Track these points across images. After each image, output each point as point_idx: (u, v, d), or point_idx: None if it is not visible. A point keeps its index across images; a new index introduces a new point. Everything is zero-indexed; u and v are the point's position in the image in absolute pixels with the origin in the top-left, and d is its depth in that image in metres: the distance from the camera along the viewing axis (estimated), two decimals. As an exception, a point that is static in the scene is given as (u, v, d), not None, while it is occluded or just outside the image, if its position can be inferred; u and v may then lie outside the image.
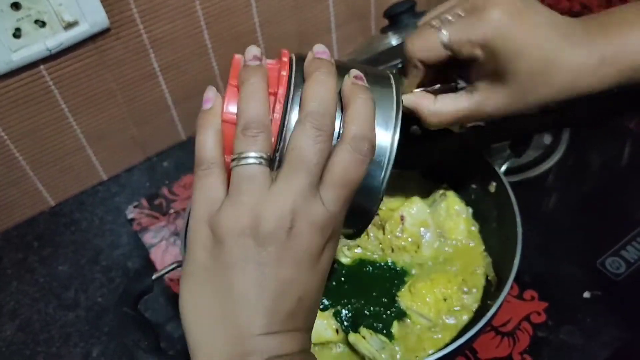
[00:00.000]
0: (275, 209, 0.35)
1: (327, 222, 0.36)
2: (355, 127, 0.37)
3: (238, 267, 0.35)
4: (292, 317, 0.36)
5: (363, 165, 0.37)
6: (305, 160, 0.36)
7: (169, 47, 0.81)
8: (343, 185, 0.36)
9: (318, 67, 0.39)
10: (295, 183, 0.35)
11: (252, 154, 0.36)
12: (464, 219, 0.64)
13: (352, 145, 0.36)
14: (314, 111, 0.37)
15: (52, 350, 0.72)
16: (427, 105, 0.51)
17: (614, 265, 0.67)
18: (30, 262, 0.81)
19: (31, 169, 0.80)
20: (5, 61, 0.68)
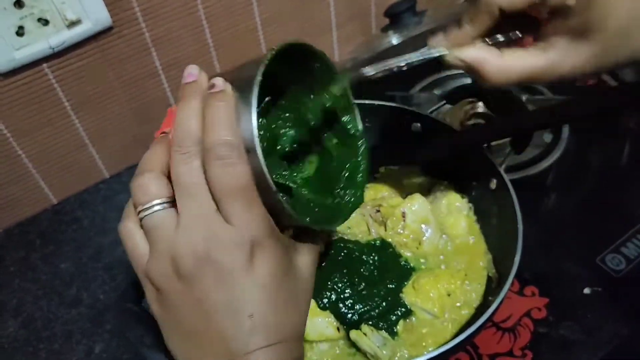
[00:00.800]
0: (186, 242, 0.35)
1: (239, 237, 0.35)
2: (207, 137, 0.36)
3: (181, 310, 0.36)
4: (252, 336, 0.35)
5: (233, 168, 0.35)
6: (185, 185, 0.36)
7: (171, 45, 0.81)
8: (230, 196, 0.36)
9: (181, 95, 0.39)
10: (193, 211, 0.36)
11: (149, 204, 0.37)
12: (465, 215, 0.64)
13: (212, 156, 0.36)
14: (176, 137, 0.37)
15: (54, 347, 0.72)
16: (493, 60, 0.45)
17: (614, 262, 0.67)
18: (33, 259, 0.81)
19: (34, 166, 0.80)
20: (9, 59, 0.68)
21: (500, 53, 0.45)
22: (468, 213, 0.65)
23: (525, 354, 0.62)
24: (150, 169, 0.38)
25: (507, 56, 0.45)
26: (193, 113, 0.37)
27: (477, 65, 0.46)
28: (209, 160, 0.36)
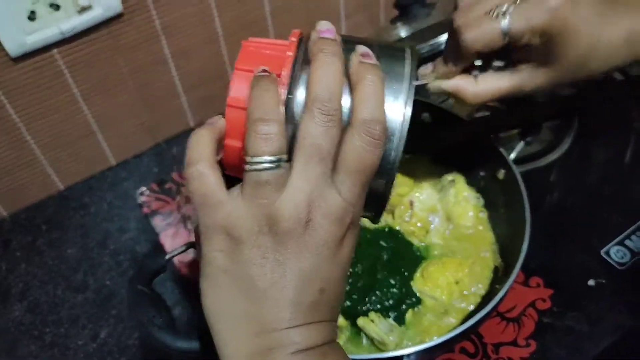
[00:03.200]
0: (292, 205, 0.34)
1: (344, 212, 0.35)
2: (364, 111, 0.35)
3: (259, 266, 0.35)
4: (316, 309, 0.36)
5: (376, 149, 0.35)
6: (317, 149, 0.35)
7: (181, 33, 0.81)
8: (358, 173, 0.35)
9: (321, 48, 0.37)
10: (310, 174, 0.35)
11: (267, 157, 0.35)
12: (473, 205, 0.64)
13: (363, 130, 0.35)
14: (320, 96, 0.35)
15: (60, 332, 0.73)
16: (469, 87, 0.52)
17: (618, 255, 0.68)
18: (39, 245, 0.82)
19: (41, 152, 0.80)
20: (20, 44, 0.68)
21: (474, 80, 0.52)
22: (476, 203, 0.65)
23: (529, 344, 0.63)
24: (274, 117, 0.36)
25: (481, 82, 0.52)
26: (339, 76, 0.36)
27: (456, 93, 0.53)
28: (357, 132, 0.35)
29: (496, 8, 0.47)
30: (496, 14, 0.47)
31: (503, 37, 0.47)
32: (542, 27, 0.46)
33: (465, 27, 0.48)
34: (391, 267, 0.60)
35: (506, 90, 0.51)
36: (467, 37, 0.48)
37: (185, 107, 0.90)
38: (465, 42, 0.48)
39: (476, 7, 0.49)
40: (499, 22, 0.47)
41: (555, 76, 0.49)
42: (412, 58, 0.40)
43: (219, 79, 0.90)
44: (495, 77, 0.51)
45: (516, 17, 0.46)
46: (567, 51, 0.47)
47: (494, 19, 0.47)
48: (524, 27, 0.46)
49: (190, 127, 0.93)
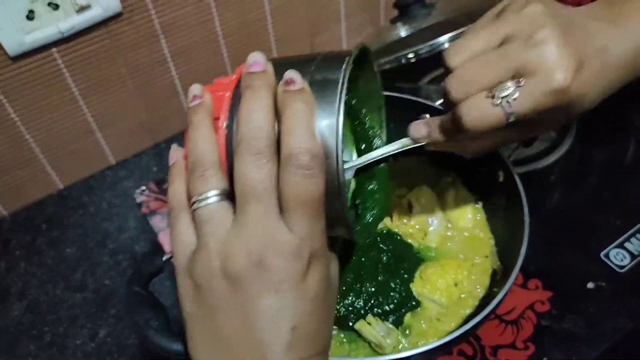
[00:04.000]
0: (240, 245, 0.34)
1: (298, 247, 0.34)
2: (290, 142, 0.34)
3: (221, 311, 0.35)
4: (291, 348, 0.34)
5: (312, 179, 0.34)
6: (252, 190, 0.34)
7: (180, 33, 0.81)
8: (300, 206, 0.34)
9: (248, 85, 0.36)
10: (252, 215, 0.34)
11: (204, 195, 0.35)
12: (471, 207, 0.64)
13: (292, 163, 0.34)
14: (246, 135, 0.35)
15: (59, 331, 0.73)
16: (466, 145, 0.52)
17: (618, 257, 0.68)
18: (39, 244, 0.82)
19: (41, 151, 0.81)
20: (19, 43, 0.68)
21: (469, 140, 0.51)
22: (474, 205, 0.65)
23: (528, 347, 0.62)
24: (210, 158, 0.36)
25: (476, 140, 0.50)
26: (266, 110, 0.35)
27: (452, 150, 0.53)
28: (287, 166, 0.34)
29: (497, 89, 0.42)
30: (499, 101, 0.42)
31: (506, 121, 0.43)
32: (550, 106, 0.43)
33: (467, 109, 0.44)
34: (391, 270, 0.60)
35: (503, 142, 0.52)
36: (469, 120, 0.44)
37: (185, 107, 0.90)
38: (467, 124, 0.44)
39: (473, 81, 0.44)
40: (502, 109, 0.42)
41: (554, 124, 0.50)
42: (347, 63, 0.38)
43: (218, 77, 0.89)
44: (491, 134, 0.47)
45: (521, 101, 0.42)
46: (571, 112, 0.45)
47: (495, 105, 0.42)
48: (530, 110, 0.42)
49: (190, 126, 0.93)
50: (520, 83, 0.42)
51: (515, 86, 0.42)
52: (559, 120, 0.48)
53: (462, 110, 0.44)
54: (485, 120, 0.43)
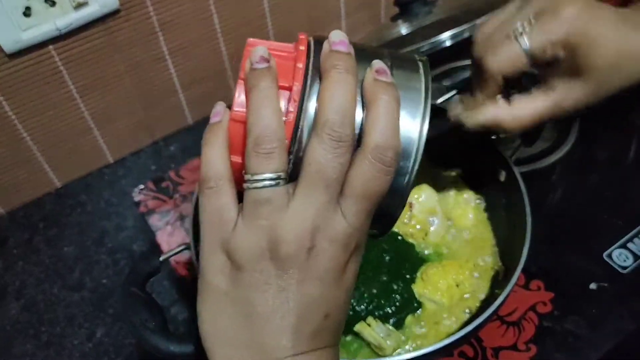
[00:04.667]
0: (295, 230, 0.33)
1: (349, 238, 0.34)
2: (377, 135, 0.33)
3: (260, 291, 0.34)
4: (319, 335, 0.35)
5: (387, 177, 0.34)
6: (324, 177, 0.33)
7: (179, 30, 0.80)
8: (365, 198, 0.34)
9: (334, 64, 0.34)
10: (314, 200, 0.33)
11: (267, 174, 0.33)
12: (473, 207, 0.64)
13: (373, 156, 0.33)
14: (331, 120, 0.33)
15: (56, 330, 0.72)
16: (506, 114, 0.51)
17: (620, 258, 0.67)
18: (36, 242, 0.81)
19: (38, 149, 0.80)
20: (15, 40, 0.68)
21: (509, 106, 0.51)
22: (476, 205, 0.64)
23: (530, 348, 0.62)
24: (279, 134, 0.34)
25: (516, 107, 0.51)
26: (352, 96, 0.34)
27: (495, 124, 0.52)
28: (367, 158, 0.33)
29: (515, 30, 0.47)
30: (514, 36, 0.47)
31: (525, 57, 0.47)
32: (562, 39, 0.46)
33: (487, 54, 0.49)
34: (394, 270, 0.59)
35: (545, 110, 0.50)
36: (490, 63, 0.48)
37: (184, 105, 0.89)
38: (489, 68, 0.48)
39: (494, 35, 0.49)
40: (518, 43, 0.47)
41: (592, 89, 0.48)
42: (425, 73, 0.38)
43: (217, 76, 0.89)
44: (530, 99, 0.51)
45: (534, 34, 0.47)
46: (595, 60, 0.46)
47: (513, 40, 0.47)
48: (543, 42, 0.47)
49: (188, 124, 0.92)
50: (533, 22, 0.47)
51: (528, 24, 0.47)
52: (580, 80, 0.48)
53: (485, 57, 0.49)
54: (505, 59, 0.48)
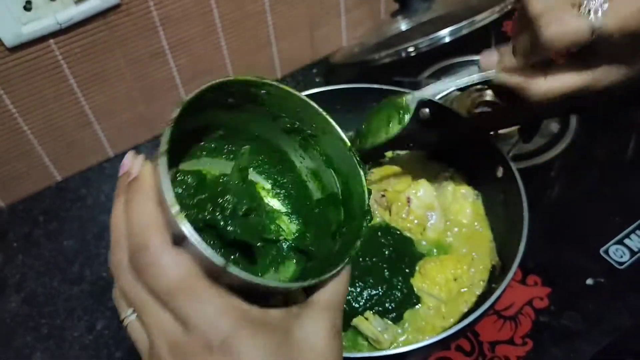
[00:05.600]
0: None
1: (205, 341, 0.31)
2: (129, 244, 0.34)
3: None
4: None
5: (160, 266, 0.31)
6: (132, 300, 0.33)
7: (179, 25, 0.81)
8: (174, 296, 0.31)
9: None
10: (150, 326, 0.32)
11: (127, 311, 0.34)
12: (470, 202, 0.64)
13: (135, 265, 0.32)
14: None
15: (56, 323, 0.73)
16: (535, 84, 0.46)
17: (617, 254, 0.67)
18: (36, 236, 0.81)
19: (38, 143, 0.80)
20: (16, 34, 0.68)
21: (543, 76, 0.46)
22: (474, 200, 0.64)
23: (526, 342, 0.62)
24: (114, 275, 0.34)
25: (549, 78, 0.46)
26: (118, 215, 0.35)
27: (520, 89, 0.47)
28: (135, 270, 0.32)
29: (586, 2, 0.41)
30: (587, 10, 0.40)
31: (591, 36, 0.41)
32: (637, 27, 0.40)
33: (547, 20, 0.42)
34: (393, 265, 0.59)
35: (576, 88, 0.45)
36: (549, 33, 0.42)
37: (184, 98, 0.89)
38: (546, 38, 0.42)
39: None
40: (589, 20, 0.40)
41: (631, 74, 0.44)
42: (170, 121, 0.34)
43: (217, 70, 0.89)
44: (562, 73, 0.45)
45: (611, 15, 0.40)
46: None
47: (583, 15, 0.40)
48: (618, 27, 0.40)
49: (188, 119, 0.92)
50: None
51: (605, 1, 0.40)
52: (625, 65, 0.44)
53: (542, 21, 0.42)
54: (566, 32, 0.41)
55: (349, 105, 0.73)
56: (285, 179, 0.45)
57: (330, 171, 0.43)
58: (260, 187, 0.45)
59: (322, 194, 0.44)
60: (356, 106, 0.73)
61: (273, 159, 0.45)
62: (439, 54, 0.86)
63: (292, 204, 0.45)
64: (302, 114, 0.41)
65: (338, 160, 0.43)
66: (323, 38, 0.97)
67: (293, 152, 0.44)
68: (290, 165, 0.45)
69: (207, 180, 0.41)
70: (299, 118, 0.42)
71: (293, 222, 0.45)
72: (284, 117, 0.42)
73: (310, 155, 0.44)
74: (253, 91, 0.39)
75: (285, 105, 0.40)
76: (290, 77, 0.98)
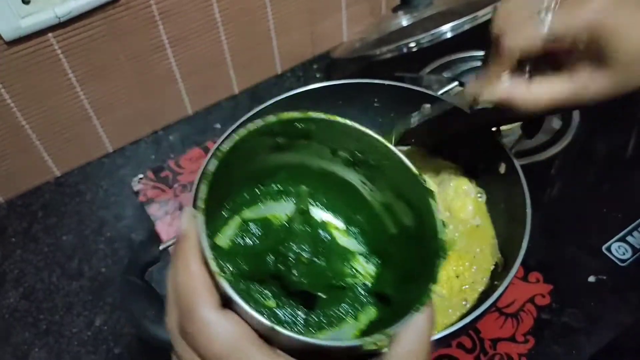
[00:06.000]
0: None
1: None
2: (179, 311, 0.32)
3: None
4: None
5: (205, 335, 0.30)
6: None
7: (179, 19, 0.80)
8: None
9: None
10: None
11: None
12: (472, 199, 0.63)
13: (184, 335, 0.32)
14: None
15: (55, 319, 0.72)
16: (520, 94, 0.48)
17: (619, 251, 0.67)
18: (35, 231, 0.81)
19: (37, 137, 0.80)
20: (14, 27, 0.67)
21: (527, 84, 0.48)
22: (475, 197, 0.64)
23: (528, 340, 0.62)
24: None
25: (534, 87, 0.48)
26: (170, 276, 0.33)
27: (508, 101, 0.49)
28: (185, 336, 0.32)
29: (538, 10, 0.46)
30: (538, 15, 0.45)
31: (546, 39, 0.46)
32: (587, 25, 0.44)
33: (506, 31, 0.47)
34: None
35: (564, 97, 0.48)
36: (508, 40, 0.47)
37: (183, 94, 0.89)
38: (507, 45, 0.47)
39: (516, 12, 0.47)
40: (541, 24, 0.45)
41: (617, 79, 0.46)
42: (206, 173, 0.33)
43: (217, 65, 0.89)
44: (550, 82, 0.48)
45: (558, 18, 0.45)
46: (621, 51, 0.44)
47: (536, 21, 0.45)
48: (567, 26, 0.45)
49: (188, 114, 0.92)
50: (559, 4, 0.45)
51: (555, 5, 0.45)
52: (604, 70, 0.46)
53: (503, 32, 0.47)
54: (524, 37, 0.46)
55: (350, 101, 0.73)
56: (358, 215, 0.42)
57: (402, 203, 0.39)
58: (332, 227, 0.42)
59: (397, 229, 0.41)
60: (357, 101, 0.73)
61: (342, 195, 0.42)
62: (440, 49, 0.85)
63: (368, 243, 0.42)
64: (360, 144, 0.38)
65: (407, 190, 0.38)
66: (324, 33, 0.96)
67: (361, 186, 0.41)
68: (362, 199, 0.42)
69: (274, 226, 0.39)
70: (358, 149, 0.39)
71: (370, 262, 0.41)
72: (342, 149, 0.39)
73: (378, 187, 0.41)
74: (301, 127, 0.37)
75: (339, 136, 0.38)
76: (290, 72, 0.98)
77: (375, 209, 0.41)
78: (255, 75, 0.94)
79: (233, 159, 0.33)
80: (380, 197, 0.41)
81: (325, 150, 0.39)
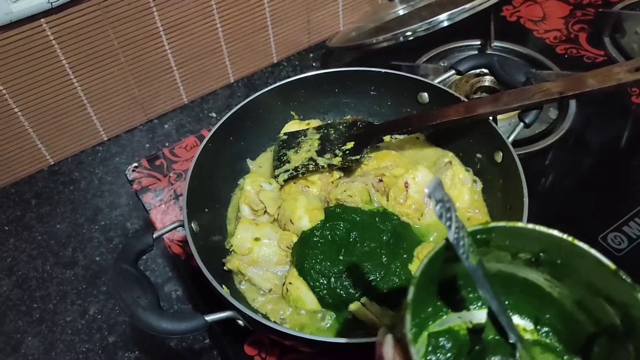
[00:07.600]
0: None
1: None
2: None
3: None
4: None
5: None
6: None
7: (174, 6, 0.79)
8: None
9: None
10: None
11: None
12: (469, 188, 0.63)
13: None
14: None
15: (48, 307, 0.72)
16: None
17: (616, 241, 0.67)
18: (28, 219, 0.80)
19: (30, 125, 0.79)
20: (5, 12, 0.66)
21: None
22: (472, 186, 0.63)
23: (523, 329, 0.62)
24: None
25: None
26: None
27: None
28: None
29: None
30: None
31: None
32: None
33: None
34: (392, 250, 0.58)
35: None
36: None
37: (179, 82, 0.88)
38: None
39: None
40: None
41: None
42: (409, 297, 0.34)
43: (212, 53, 0.88)
44: None
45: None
46: None
47: None
48: None
49: (183, 102, 0.91)
50: None
51: None
52: None
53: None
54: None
55: (346, 89, 0.72)
56: (547, 314, 0.41)
57: (600, 299, 0.37)
58: (522, 329, 0.41)
59: (596, 327, 0.38)
60: (354, 90, 0.72)
61: (526, 295, 0.41)
62: (437, 38, 0.85)
63: (564, 341, 0.41)
64: (543, 245, 0.38)
65: (605, 287, 0.37)
66: (320, 22, 0.96)
67: (546, 285, 0.40)
68: (549, 298, 0.40)
69: (461, 336, 0.39)
70: (541, 250, 0.38)
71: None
72: (524, 252, 0.39)
73: (567, 284, 0.39)
74: (480, 237, 0.37)
75: (520, 240, 0.38)
76: (286, 61, 0.97)
77: (566, 306, 0.40)
78: (251, 64, 0.94)
79: (421, 282, 0.34)
80: (570, 295, 0.39)
81: (504, 255, 0.39)
